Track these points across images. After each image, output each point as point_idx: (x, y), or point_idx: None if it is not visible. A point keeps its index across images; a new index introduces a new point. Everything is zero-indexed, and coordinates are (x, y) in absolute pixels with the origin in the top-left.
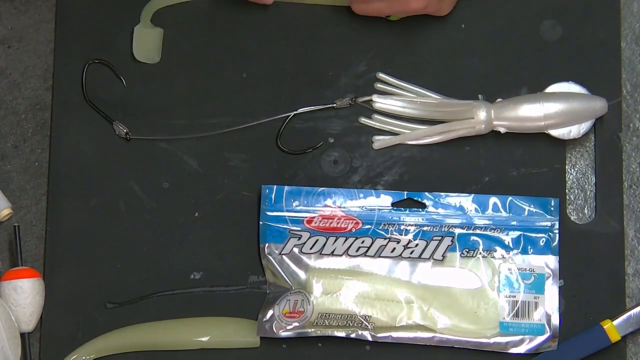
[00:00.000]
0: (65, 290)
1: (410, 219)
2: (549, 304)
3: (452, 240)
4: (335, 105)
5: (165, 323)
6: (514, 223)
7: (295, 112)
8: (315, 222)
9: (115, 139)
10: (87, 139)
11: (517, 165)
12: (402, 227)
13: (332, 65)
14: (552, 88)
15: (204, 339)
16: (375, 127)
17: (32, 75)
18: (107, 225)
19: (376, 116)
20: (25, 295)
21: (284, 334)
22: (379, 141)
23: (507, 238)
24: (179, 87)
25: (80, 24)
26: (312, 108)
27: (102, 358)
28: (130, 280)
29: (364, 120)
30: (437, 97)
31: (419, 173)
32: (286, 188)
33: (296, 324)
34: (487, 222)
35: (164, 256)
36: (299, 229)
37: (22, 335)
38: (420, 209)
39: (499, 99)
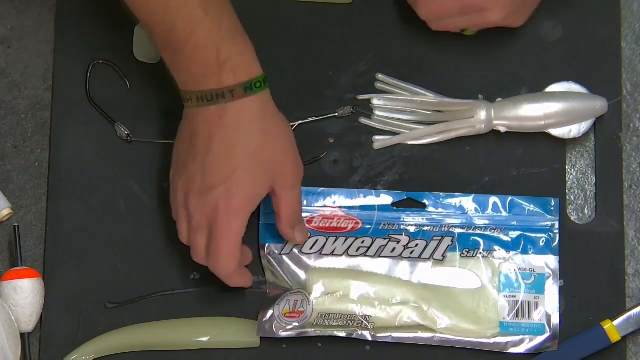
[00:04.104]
0: (65, 290)
1: (410, 219)
2: (549, 304)
3: (452, 240)
4: (337, 114)
5: (165, 323)
6: (514, 223)
7: (300, 122)
8: (316, 222)
9: (115, 139)
10: (87, 139)
11: (517, 165)
12: (402, 227)
13: (332, 65)
14: (552, 88)
15: (204, 339)
16: (375, 127)
17: (32, 75)
18: (107, 225)
19: (376, 116)
20: (25, 295)
21: (283, 334)
22: (379, 141)
23: (507, 238)
24: None
25: (80, 23)
26: (314, 119)
27: (102, 358)
28: (130, 280)
29: (364, 120)
30: (437, 97)
31: (419, 173)
32: None
33: (296, 324)
34: (487, 222)
35: (164, 256)
36: None
37: (22, 335)
38: (421, 209)
39: (499, 99)
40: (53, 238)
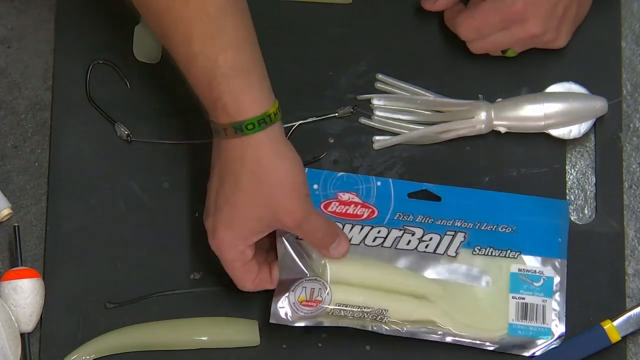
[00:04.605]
0: (65, 290)
1: (425, 211)
2: (556, 308)
3: (464, 237)
4: (337, 114)
5: (165, 323)
6: (525, 224)
7: (300, 122)
8: (332, 207)
9: (115, 139)
10: (87, 139)
11: (517, 165)
12: (416, 218)
13: (332, 65)
14: (552, 88)
15: (204, 338)
16: (375, 127)
17: (32, 75)
18: (107, 225)
19: (376, 116)
20: (25, 295)
21: (298, 323)
22: (379, 141)
23: (518, 239)
24: (179, 87)
25: (80, 23)
26: (314, 119)
27: (102, 358)
28: (130, 280)
29: (364, 120)
30: (437, 97)
31: (419, 173)
32: (306, 169)
33: (313, 312)
34: (499, 220)
35: (164, 256)
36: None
37: (22, 335)
38: (435, 202)
39: (499, 99)
40: (53, 238)
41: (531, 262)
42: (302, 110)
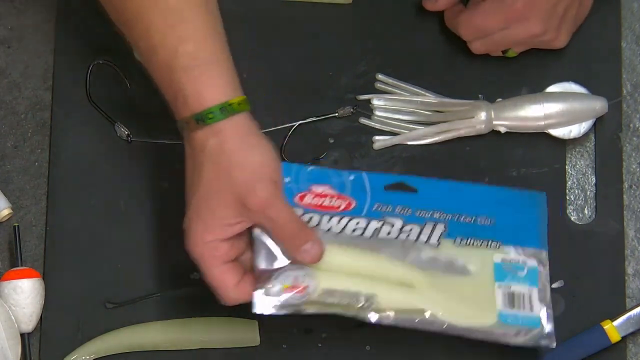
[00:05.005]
0: (65, 290)
1: (403, 201)
2: (543, 297)
3: (444, 227)
4: (337, 114)
5: (165, 323)
6: (504, 216)
7: (300, 122)
8: (307, 199)
9: (115, 139)
10: (87, 139)
11: (517, 165)
12: (395, 210)
13: (332, 65)
14: (552, 88)
15: (204, 338)
16: (375, 127)
17: (32, 75)
18: (107, 225)
19: (376, 116)
20: (25, 295)
21: (282, 311)
22: (379, 141)
23: (498, 230)
24: None
25: (80, 23)
26: (314, 119)
27: (102, 358)
28: (130, 280)
29: (363, 120)
30: (437, 97)
31: (418, 173)
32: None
33: (299, 299)
34: (477, 212)
35: (164, 256)
36: (292, 205)
37: (22, 335)
38: (413, 193)
39: (499, 99)
40: (53, 238)
41: (514, 252)
42: (302, 110)
